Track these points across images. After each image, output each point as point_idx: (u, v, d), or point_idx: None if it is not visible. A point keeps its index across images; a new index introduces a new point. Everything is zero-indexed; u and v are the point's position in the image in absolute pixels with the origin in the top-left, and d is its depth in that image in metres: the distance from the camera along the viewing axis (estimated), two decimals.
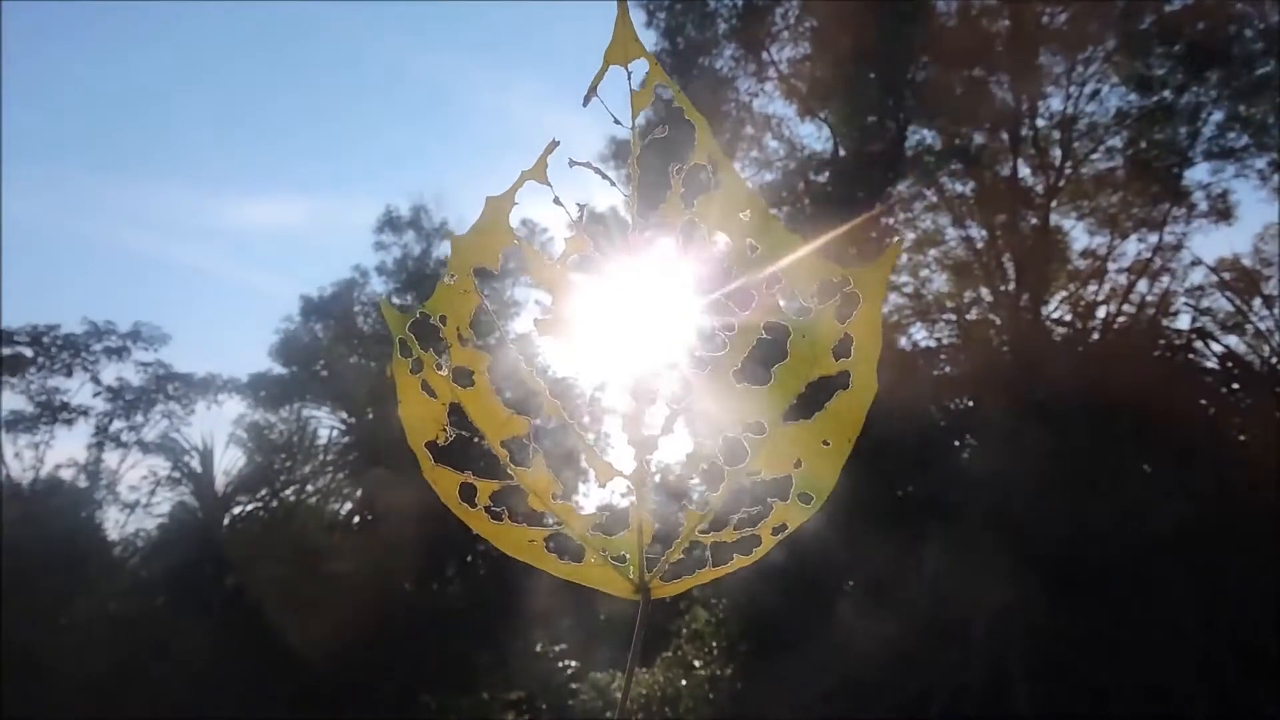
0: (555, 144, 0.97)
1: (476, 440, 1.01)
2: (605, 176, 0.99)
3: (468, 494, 1.00)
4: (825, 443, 0.97)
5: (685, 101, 0.96)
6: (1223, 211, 14.89)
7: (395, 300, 21.14)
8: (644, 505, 1.01)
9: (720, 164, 0.96)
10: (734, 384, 0.97)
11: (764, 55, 17.09)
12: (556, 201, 0.99)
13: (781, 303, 0.97)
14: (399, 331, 0.99)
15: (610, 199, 1.04)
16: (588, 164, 0.98)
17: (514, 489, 1.02)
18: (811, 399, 0.97)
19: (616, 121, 0.97)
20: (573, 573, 1.02)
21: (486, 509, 1.00)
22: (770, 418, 0.97)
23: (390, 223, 21.37)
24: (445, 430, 0.99)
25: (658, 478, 1.02)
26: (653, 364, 1.00)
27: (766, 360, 0.98)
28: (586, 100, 0.95)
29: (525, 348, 1.07)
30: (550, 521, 1.01)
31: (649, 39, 17.41)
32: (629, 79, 0.97)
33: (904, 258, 17.75)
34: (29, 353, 19.55)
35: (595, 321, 1.03)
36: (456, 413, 1.00)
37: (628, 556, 1.01)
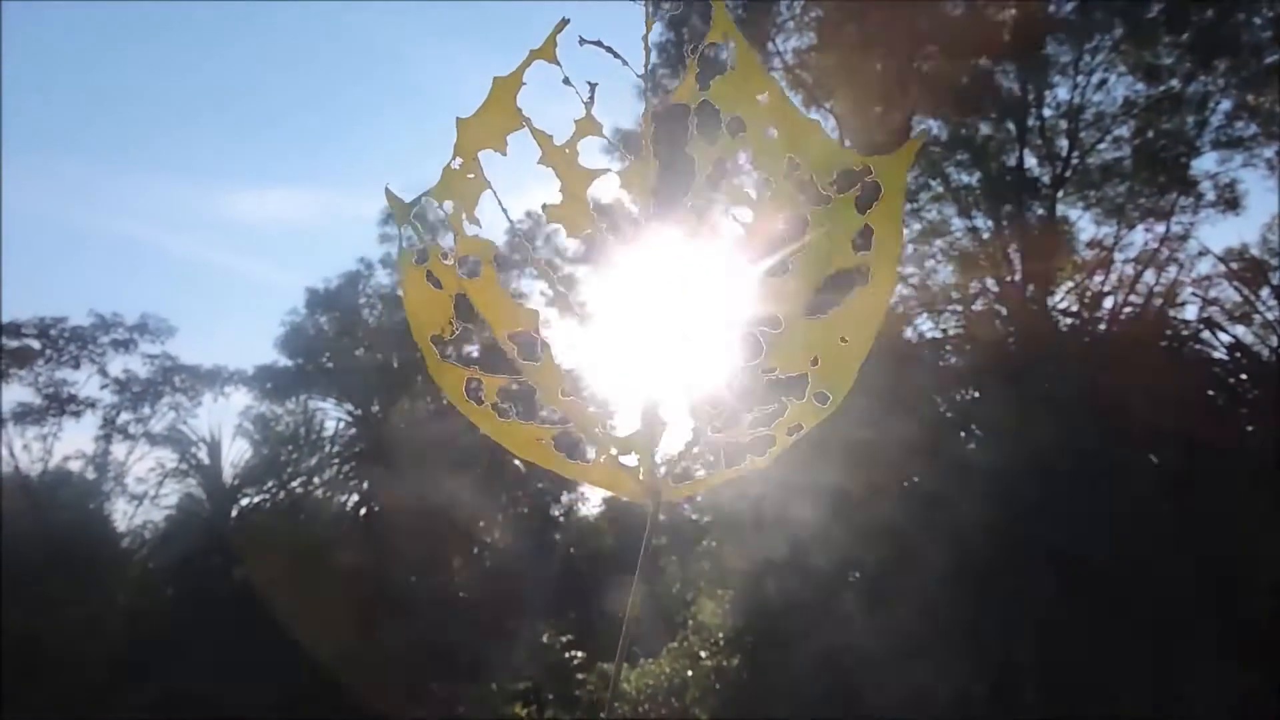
0: (565, 22, 0.94)
1: (485, 332, 0.95)
2: (616, 55, 0.95)
3: (474, 390, 0.95)
4: (843, 339, 0.93)
5: None
6: (1230, 201, 14.83)
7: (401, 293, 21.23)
8: (655, 403, 0.97)
9: (737, 43, 0.93)
10: (750, 276, 0.94)
11: (769, 45, 17.03)
12: (566, 81, 0.96)
13: (799, 190, 0.92)
14: (403, 219, 0.95)
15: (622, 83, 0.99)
16: (598, 42, 0.94)
17: (521, 384, 0.96)
18: (830, 294, 0.93)
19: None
20: (581, 472, 0.97)
21: (493, 405, 0.95)
22: (787, 312, 0.93)
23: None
24: (452, 323, 0.95)
25: (669, 372, 0.98)
26: (668, 260, 0.97)
27: (783, 250, 0.94)
28: None
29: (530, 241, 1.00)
30: (559, 419, 0.96)
31: (655, 29, 17.34)
32: None
33: (909, 248, 17.74)
34: (36, 345, 19.61)
35: (605, 217, 0.98)
36: (463, 303, 0.96)
37: (638, 457, 0.97)
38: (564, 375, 0.95)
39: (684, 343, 0.97)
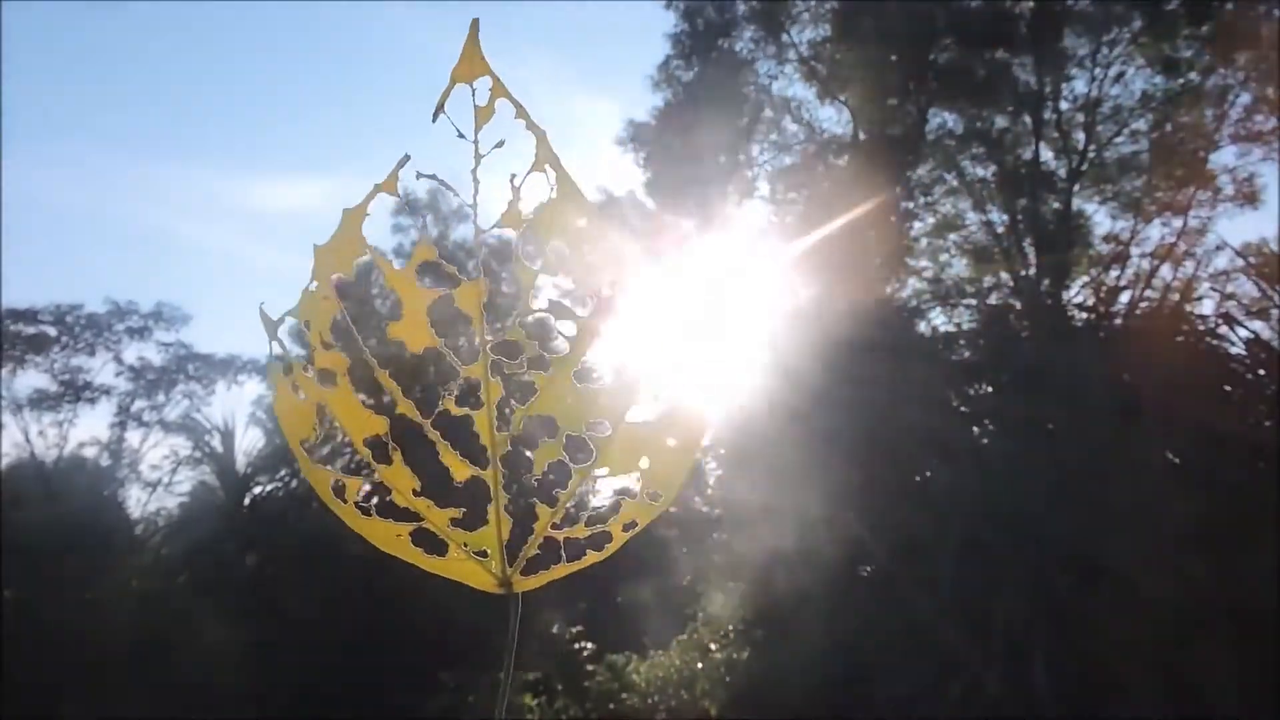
0: (406, 158, 1.01)
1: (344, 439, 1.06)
2: (448, 187, 1.02)
3: (339, 490, 1.04)
4: (671, 441, 1.00)
5: (526, 115, 1.02)
6: (1249, 195, 14.72)
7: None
8: (499, 501, 1.05)
9: (558, 172, 0.99)
10: (576, 383, 1.01)
11: (784, 37, 16.97)
12: (404, 209, 1.08)
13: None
14: (271, 335, 1.03)
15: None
16: (433, 175, 1.02)
17: (378, 485, 1.05)
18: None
19: (460, 135, 1.00)
20: (438, 566, 1.05)
21: (356, 504, 1.04)
22: (614, 417, 1.01)
23: (408, 204, 21.40)
24: (315, 429, 1.04)
25: (510, 473, 1.06)
26: (503, 360, 1.04)
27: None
28: (435, 116, 0.98)
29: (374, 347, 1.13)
30: (414, 516, 1.04)
31: (668, 20, 17.30)
32: (473, 95, 1.00)
33: (924, 242, 17.64)
34: (53, 332, 19.76)
35: (450, 320, 1.07)
36: (324, 412, 1.05)
37: (489, 551, 1.05)
38: (412, 476, 1.05)
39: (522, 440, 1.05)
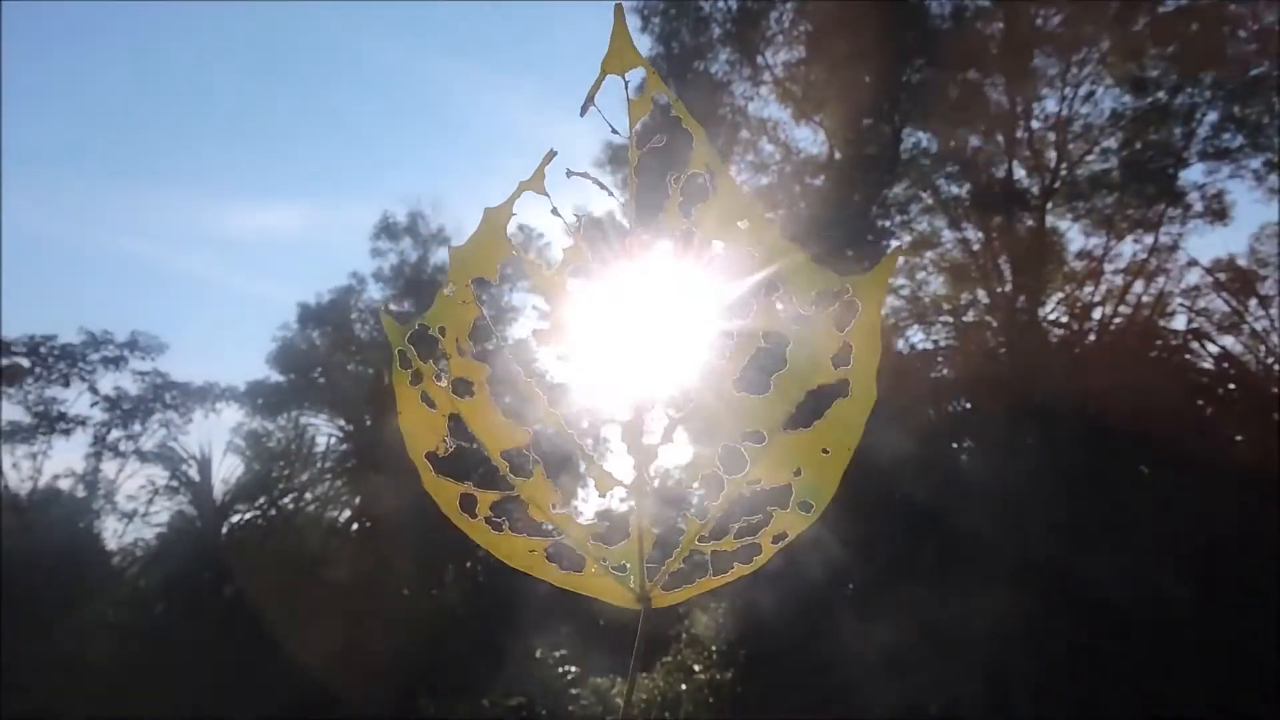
0: (553, 154, 0.97)
1: (475, 450, 1.00)
2: (602, 186, 0.98)
3: (468, 505, 1.00)
4: (825, 451, 0.96)
5: (683, 110, 0.95)
6: (1218, 212, 14.89)
7: (393, 307, 21.14)
8: (644, 514, 1.00)
9: (718, 172, 0.95)
10: (733, 393, 0.96)
11: (759, 59, 17.11)
12: (554, 212, 0.99)
13: (780, 309, 0.96)
14: (398, 343, 0.99)
15: (609, 206, 1.01)
16: (585, 174, 0.98)
17: (514, 499, 1.01)
18: (811, 407, 0.96)
19: (614, 130, 0.96)
20: (573, 582, 1.02)
21: (486, 519, 1.00)
22: (770, 426, 0.96)
23: (387, 229, 21.37)
24: (445, 441, 0.99)
25: (657, 486, 1.01)
26: (652, 372, 1.00)
27: (766, 369, 0.97)
28: (584, 110, 0.95)
29: (522, 355, 1.05)
30: (550, 531, 1.00)
31: (643, 44, 17.43)
32: (626, 88, 0.96)
33: (900, 260, 17.76)
34: (26, 363, 19.53)
35: (594, 330, 1.01)
36: (456, 423, 0.99)
37: (628, 565, 1.00)
38: (554, 490, 1.00)
39: (670, 453, 1.03)
